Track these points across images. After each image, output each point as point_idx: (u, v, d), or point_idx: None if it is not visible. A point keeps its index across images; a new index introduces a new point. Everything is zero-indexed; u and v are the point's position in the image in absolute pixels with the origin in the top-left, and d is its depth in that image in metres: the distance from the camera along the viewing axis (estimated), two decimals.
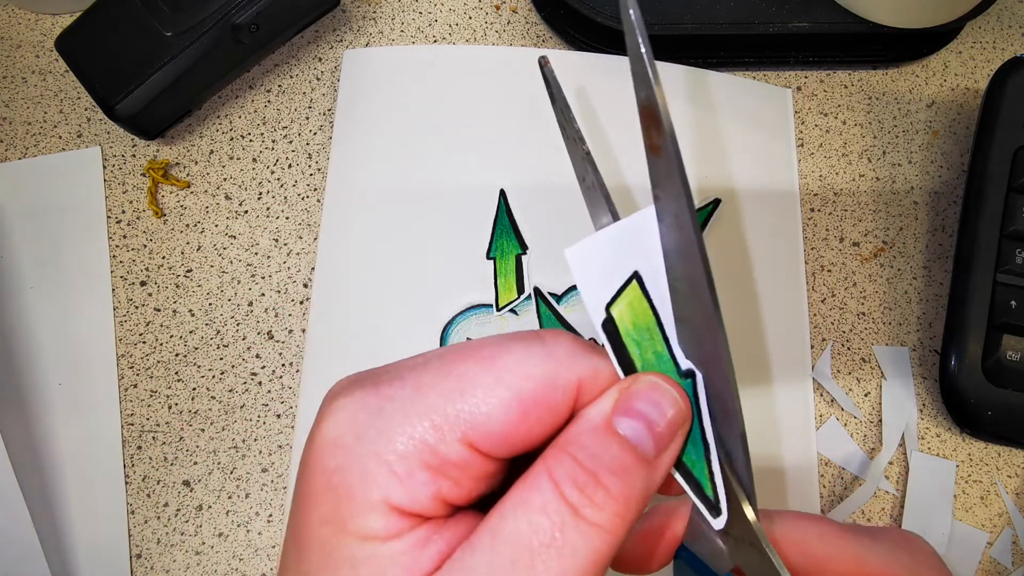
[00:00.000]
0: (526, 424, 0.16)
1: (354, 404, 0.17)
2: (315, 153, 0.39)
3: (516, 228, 0.37)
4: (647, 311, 0.18)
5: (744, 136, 0.40)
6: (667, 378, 0.18)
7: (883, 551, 0.20)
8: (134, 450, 0.34)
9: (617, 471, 0.16)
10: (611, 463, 0.16)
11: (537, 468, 0.17)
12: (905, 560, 0.20)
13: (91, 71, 0.36)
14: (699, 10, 0.38)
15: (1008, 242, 0.36)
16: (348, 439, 0.16)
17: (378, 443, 0.16)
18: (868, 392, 0.37)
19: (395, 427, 0.16)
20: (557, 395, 0.17)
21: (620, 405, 0.17)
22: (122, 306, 0.36)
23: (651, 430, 0.17)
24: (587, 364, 0.17)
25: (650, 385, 0.17)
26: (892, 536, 0.21)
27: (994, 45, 0.43)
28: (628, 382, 0.18)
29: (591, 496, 0.16)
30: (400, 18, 0.42)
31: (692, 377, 0.18)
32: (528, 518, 0.16)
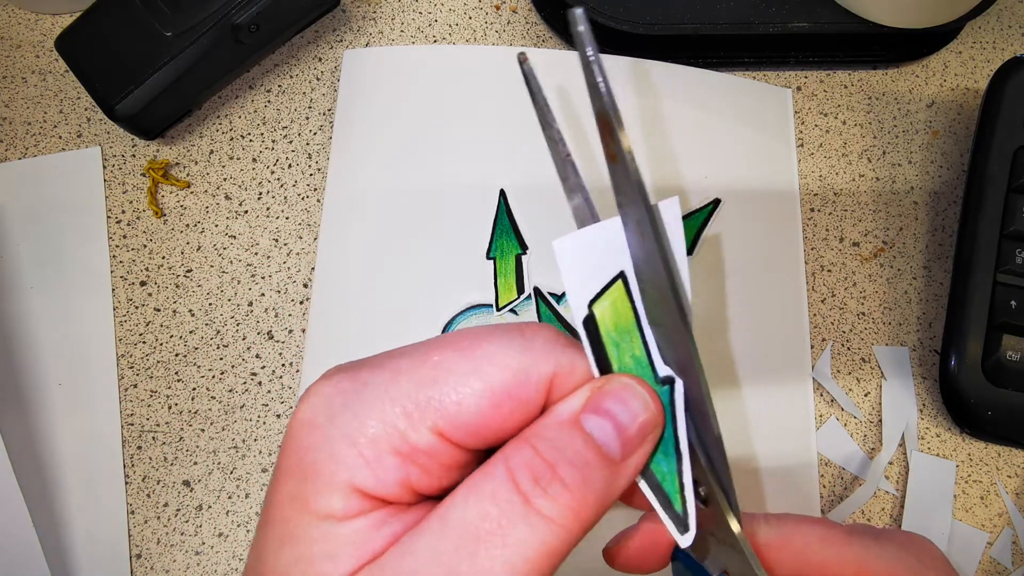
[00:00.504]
0: (497, 415, 0.16)
1: (331, 387, 0.17)
2: (315, 153, 0.39)
3: (516, 228, 0.37)
4: (629, 313, 0.17)
5: (744, 136, 0.40)
6: (642, 381, 0.17)
7: (887, 554, 0.20)
8: (134, 450, 0.34)
9: (577, 465, 0.16)
10: (572, 457, 0.16)
11: (495, 457, 0.16)
12: (910, 562, 0.20)
13: (91, 71, 0.36)
14: (699, 10, 0.38)
15: (1008, 242, 0.36)
16: (322, 420, 0.17)
17: (350, 425, 0.16)
18: (868, 392, 0.37)
19: (368, 411, 0.16)
20: (530, 388, 0.17)
21: (590, 402, 0.17)
22: (122, 306, 0.36)
23: (619, 431, 0.17)
24: (564, 358, 0.17)
25: (623, 386, 0.17)
26: (897, 538, 0.21)
27: (994, 45, 0.43)
28: (602, 381, 0.17)
29: (545, 487, 0.16)
30: (400, 18, 0.42)
31: (670, 384, 0.17)
32: (477, 505, 0.15)
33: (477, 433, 0.16)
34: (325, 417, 0.17)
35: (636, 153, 0.42)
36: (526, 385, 0.17)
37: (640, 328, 0.17)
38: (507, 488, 0.15)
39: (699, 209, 0.38)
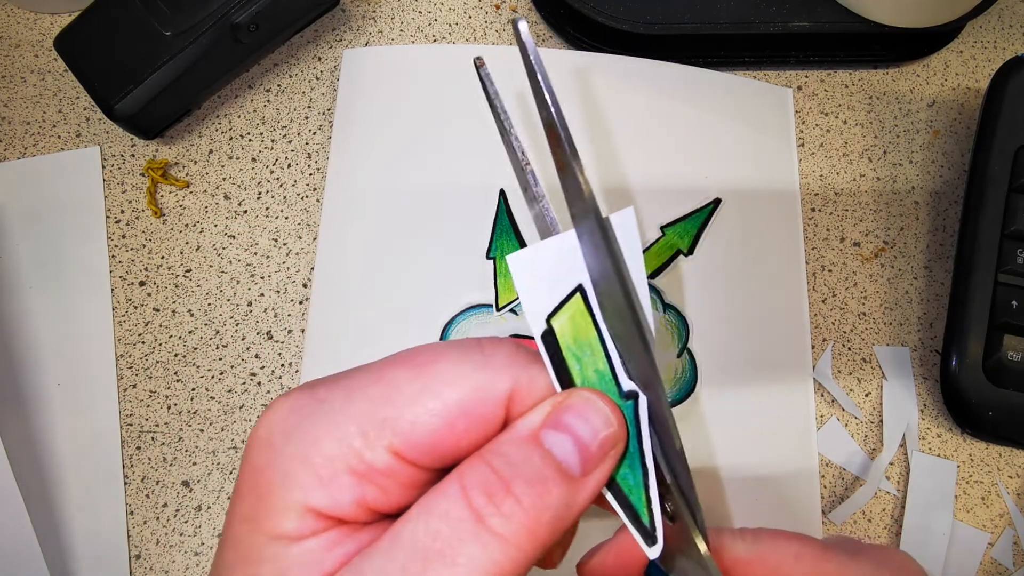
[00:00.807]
0: (453, 433, 0.16)
1: (287, 405, 0.17)
2: (314, 153, 0.39)
3: (516, 228, 0.37)
4: (590, 326, 0.17)
5: (744, 136, 0.40)
6: (604, 396, 0.17)
7: (863, 571, 0.20)
8: (133, 450, 0.34)
9: (533, 482, 0.15)
10: (528, 474, 0.15)
11: (451, 475, 0.16)
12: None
13: (90, 71, 0.36)
14: (699, 10, 0.38)
15: (1009, 242, 0.35)
16: (276, 438, 0.16)
17: (304, 444, 0.16)
18: (869, 392, 0.37)
19: (323, 430, 0.16)
20: (487, 406, 0.16)
21: (550, 418, 0.16)
22: (121, 306, 0.36)
23: (579, 447, 0.16)
24: (523, 374, 0.17)
25: (584, 401, 0.17)
26: (874, 554, 0.21)
27: (995, 45, 0.43)
28: (562, 396, 0.17)
29: (499, 504, 0.15)
30: (400, 18, 0.42)
31: (634, 399, 0.17)
32: (428, 523, 0.15)
33: (433, 452, 0.16)
34: (280, 435, 0.16)
35: (637, 153, 0.42)
36: (483, 403, 0.16)
37: (603, 342, 0.17)
38: (460, 506, 0.15)
39: (699, 209, 0.38)
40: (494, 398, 0.16)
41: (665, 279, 0.37)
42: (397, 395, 0.16)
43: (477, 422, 0.16)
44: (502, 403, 0.16)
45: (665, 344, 0.36)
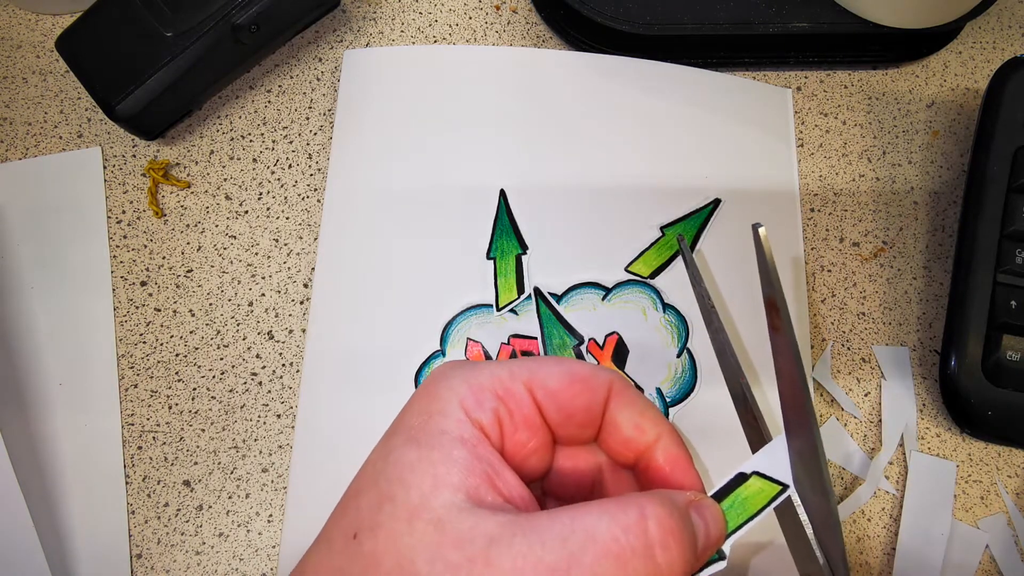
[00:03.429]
0: (571, 391, 0.22)
1: (457, 361, 0.24)
2: (315, 153, 0.39)
3: (516, 228, 0.37)
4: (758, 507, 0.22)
5: (744, 136, 0.40)
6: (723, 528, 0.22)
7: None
8: (134, 450, 0.34)
9: (683, 540, 0.19)
10: (682, 531, 0.19)
11: (630, 500, 0.19)
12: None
13: (91, 71, 0.36)
14: (699, 10, 0.38)
15: (1008, 242, 0.36)
16: (447, 369, 0.22)
17: (466, 373, 0.22)
18: (868, 392, 0.37)
19: (481, 369, 0.22)
20: (596, 385, 0.22)
21: (695, 504, 0.21)
22: (122, 306, 0.36)
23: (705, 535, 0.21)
24: (620, 380, 0.23)
25: (718, 515, 0.22)
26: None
27: (994, 45, 0.43)
28: (706, 500, 0.22)
29: (663, 543, 0.19)
30: (400, 18, 0.42)
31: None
32: (611, 528, 0.18)
33: (554, 399, 0.22)
34: (449, 369, 0.22)
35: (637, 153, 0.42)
36: (595, 380, 0.22)
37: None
38: (639, 527, 0.18)
39: (699, 209, 0.38)
40: (601, 381, 0.23)
41: (665, 279, 0.37)
42: (539, 360, 0.23)
43: (588, 389, 0.22)
44: (604, 388, 0.22)
45: (665, 344, 0.36)
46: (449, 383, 0.22)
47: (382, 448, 0.21)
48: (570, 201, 0.38)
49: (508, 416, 0.21)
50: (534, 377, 0.22)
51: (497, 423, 0.21)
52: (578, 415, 0.22)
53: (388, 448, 0.21)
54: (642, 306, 0.36)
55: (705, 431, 0.35)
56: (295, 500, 0.33)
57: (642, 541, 0.18)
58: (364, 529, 0.19)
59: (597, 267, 0.37)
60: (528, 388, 0.22)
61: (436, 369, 0.23)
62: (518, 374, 0.22)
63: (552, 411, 0.22)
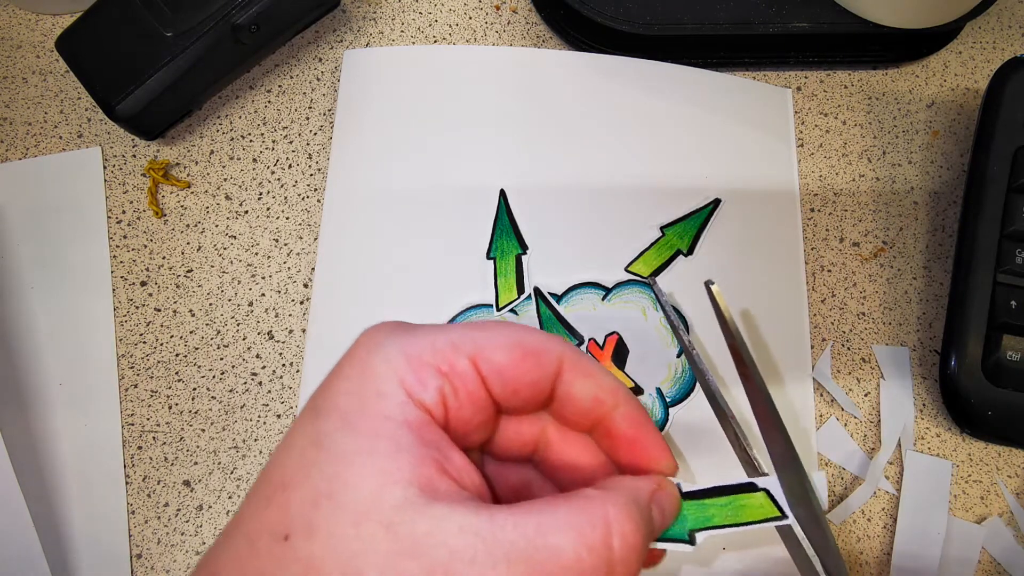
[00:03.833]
0: (520, 366, 0.20)
1: (388, 325, 0.21)
2: (315, 153, 0.39)
3: (516, 228, 0.37)
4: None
5: (744, 136, 0.40)
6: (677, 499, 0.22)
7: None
8: (134, 450, 0.34)
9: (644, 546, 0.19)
10: (646, 538, 0.19)
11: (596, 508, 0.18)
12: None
13: (91, 71, 0.36)
14: (699, 10, 0.38)
15: (1008, 242, 0.36)
16: (381, 337, 0.20)
17: (404, 343, 0.20)
18: (868, 392, 0.37)
19: (420, 336, 0.20)
20: (547, 358, 0.21)
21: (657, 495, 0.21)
22: (122, 306, 0.36)
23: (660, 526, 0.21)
24: (573, 352, 0.21)
25: (674, 501, 0.22)
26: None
27: (994, 45, 0.43)
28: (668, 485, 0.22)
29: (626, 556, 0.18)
30: (400, 18, 0.42)
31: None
32: (575, 546, 0.17)
33: (501, 374, 0.20)
34: (384, 336, 0.20)
35: (637, 153, 0.42)
36: (546, 354, 0.21)
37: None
38: (604, 545, 0.18)
39: (699, 209, 0.38)
40: (552, 355, 0.21)
41: (665, 279, 0.37)
42: (485, 329, 0.21)
43: (538, 363, 0.21)
44: (556, 361, 0.21)
45: (665, 344, 0.36)
46: (385, 355, 0.19)
47: (309, 431, 0.19)
48: (570, 201, 0.38)
49: (453, 394, 0.19)
50: (480, 351, 0.20)
51: (441, 402, 0.19)
52: (526, 390, 0.21)
53: (319, 433, 0.18)
54: (642, 306, 0.36)
55: (705, 431, 0.35)
56: None
57: (605, 559, 0.18)
58: (298, 530, 0.17)
59: (597, 267, 0.37)
60: (473, 362, 0.20)
61: (366, 334, 0.20)
62: (462, 347, 0.20)
63: (498, 387, 0.20)
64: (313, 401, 0.20)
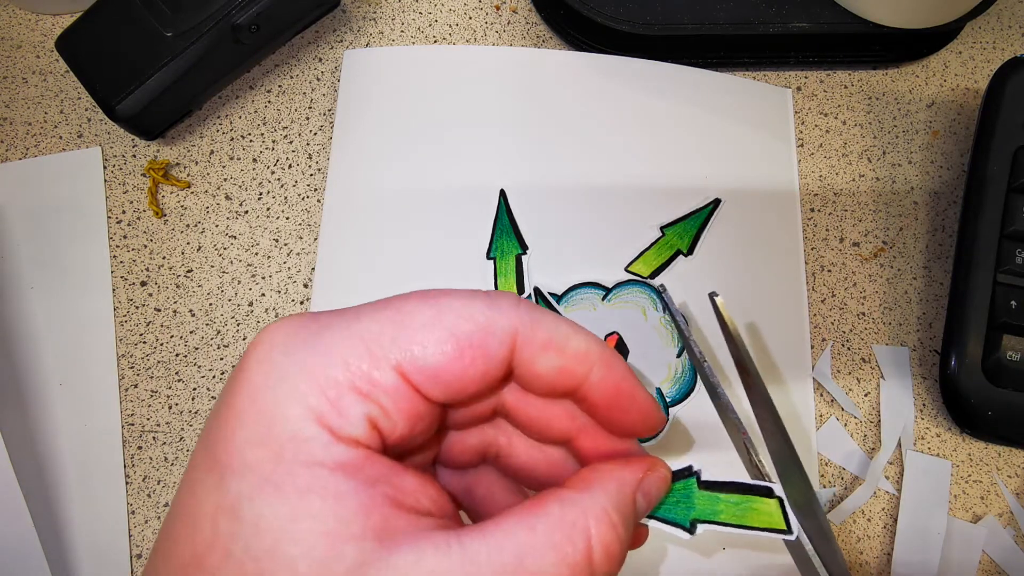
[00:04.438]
0: (460, 364, 0.16)
1: (288, 327, 0.16)
2: (315, 153, 0.39)
3: (516, 228, 0.37)
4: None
5: (744, 136, 0.40)
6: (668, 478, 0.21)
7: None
8: (134, 450, 0.34)
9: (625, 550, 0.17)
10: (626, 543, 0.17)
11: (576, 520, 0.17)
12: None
13: (91, 71, 0.36)
14: (699, 10, 0.38)
15: (1008, 242, 0.36)
16: (277, 355, 0.16)
17: (306, 363, 0.16)
18: (868, 392, 0.37)
19: (328, 347, 0.16)
20: (494, 340, 0.17)
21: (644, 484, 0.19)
22: (122, 306, 0.36)
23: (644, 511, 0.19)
24: (526, 318, 0.17)
25: (661, 485, 0.20)
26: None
27: (994, 45, 0.43)
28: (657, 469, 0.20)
29: (608, 566, 0.17)
30: (400, 18, 0.42)
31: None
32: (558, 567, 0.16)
33: (438, 379, 0.16)
34: (281, 353, 0.16)
35: (637, 153, 0.42)
36: (491, 336, 0.17)
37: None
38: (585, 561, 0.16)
39: (699, 209, 0.38)
40: (500, 335, 0.17)
41: (665, 279, 0.37)
42: (408, 319, 0.16)
43: (483, 355, 0.17)
44: (507, 341, 0.17)
45: (665, 344, 0.36)
46: (290, 387, 0.15)
47: (215, 496, 0.15)
48: (570, 201, 0.38)
49: (383, 415, 0.16)
50: (405, 356, 0.16)
51: (372, 428, 0.16)
52: (473, 386, 0.17)
53: (232, 499, 0.15)
54: (642, 306, 0.36)
55: (705, 431, 0.35)
56: None
57: (586, 572, 0.16)
58: None
59: (597, 267, 0.37)
60: (399, 372, 0.16)
61: (257, 347, 0.16)
62: (382, 356, 0.16)
63: (437, 391, 0.16)
64: (208, 451, 0.16)
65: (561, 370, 0.18)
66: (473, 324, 0.17)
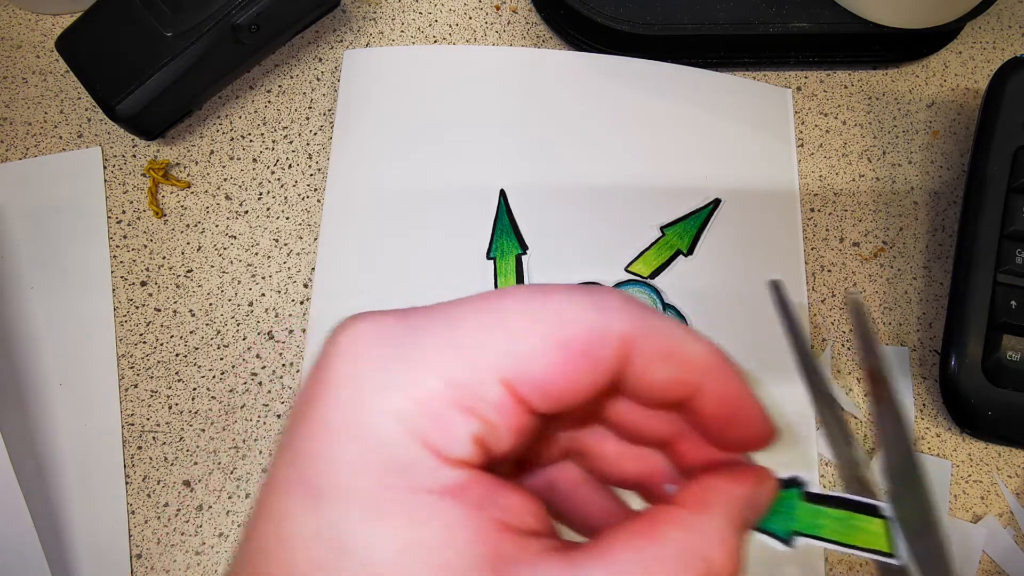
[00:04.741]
0: (569, 374, 0.15)
1: (373, 329, 0.15)
2: (315, 153, 0.39)
3: (516, 228, 0.37)
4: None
5: (744, 136, 0.40)
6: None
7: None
8: (134, 450, 0.34)
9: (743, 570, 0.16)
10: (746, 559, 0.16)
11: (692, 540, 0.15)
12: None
13: (91, 71, 0.36)
14: (699, 10, 0.38)
15: (1008, 242, 0.36)
16: (367, 365, 0.14)
17: (405, 380, 0.14)
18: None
19: (425, 358, 0.14)
20: (607, 350, 0.15)
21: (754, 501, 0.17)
22: (122, 306, 0.36)
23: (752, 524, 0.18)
24: (640, 322, 0.15)
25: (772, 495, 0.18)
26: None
27: (994, 45, 0.43)
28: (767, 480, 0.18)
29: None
30: (400, 18, 0.42)
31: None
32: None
33: (546, 391, 0.15)
34: (372, 362, 0.14)
35: (637, 153, 0.41)
36: (602, 346, 0.15)
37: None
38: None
39: (699, 209, 0.38)
40: (613, 342, 0.15)
41: (665, 279, 0.37)
42: (512, 325, 0.15)
43: (594, 364, 0.15)
44: (619, 350, 0.15)
45: None
46: (388, 408, 0.14)
47: (312, 521, 0.14)
48: (570, 201, 0.38)
49: (489, 432, 0.15)
50: (513, 368, 0.14)
51: (478, 447, 0.14)
52: (580, 398, 0.15)
53: (330, 525, 0.14)
54: None
55: None
56: None
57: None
58: None
59: (597, 267, 0.37)
60: (507, 386, 0.14)
61: (340, 364, 0.15)
62: (486, 367, 0.14)
63: (545, 404, 0.15)
64: (298, 470, 0.14)
65: (675, 381, 0.16)
66: (584, 331, 0.15)
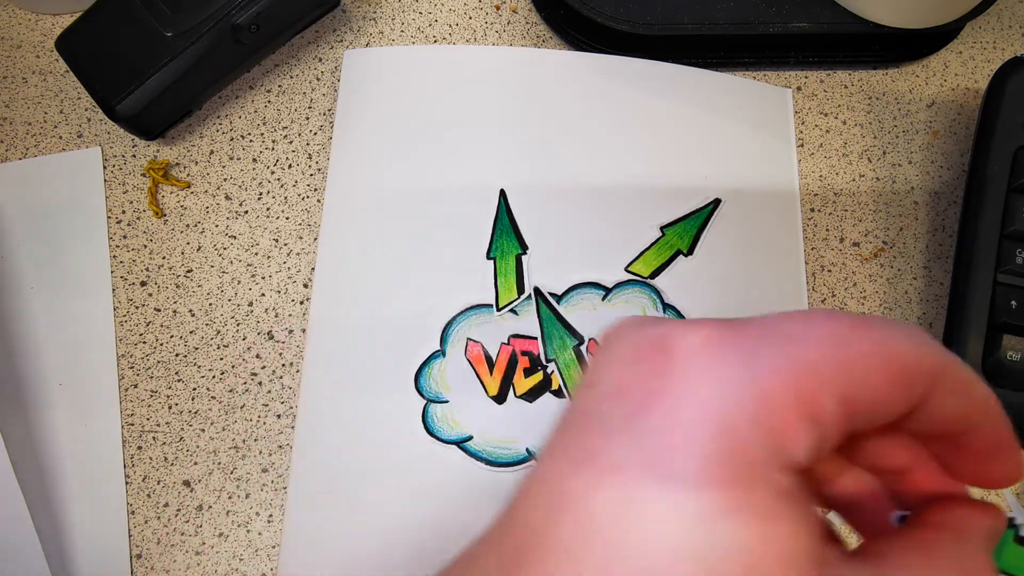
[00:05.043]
0: (890, 398, 0.15)
1: (706, 333, 0.15)
2: (315, 153, 0.39)
3: (516, 228, 0.37)
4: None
5: (744, 136, 0.40)
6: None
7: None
8: (134, 450, 0.34)
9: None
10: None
11: (967, 557, 0.16)
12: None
13: (91, 71, 0.36)
14: (699, 10, 0.38)
15: (1008, 242, 0.36)
16: (704, 351, 0.15)
17: (752, 370, 0.15)
18: None
19: (775, 369, 0.14)
20: (922, 379, 0.15)
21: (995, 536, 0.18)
22: (122, 306, 0.36)
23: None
24: (943, 357, 0.16)
25: (1000, 532, 0.19)
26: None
27: (994, 45, 0.43)
28: (1000, 517, 0.18)
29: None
30: (400, 18, 0.42)
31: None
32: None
33: (867, 411, 0.15)
34: (710, 348, 0.15)
35: (637, 153, 0.41)
36: (919, 373, 0.15)
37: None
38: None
39: (699, 209, 0.38)
40: (927, 372, 0.15)
41: (665, 279, 0.37)
42: (848, 346, 0.15)
43: (908, 393, 0.15)
44: (928, 383, 0.15)
45: None
46: (740, 402, 0.14)
47: (667, 510, 0.14)
48: (570, 201, 0.38)
49: (823, 444, 0.15)
50: (851, 384, 0.15)
51: (812, 456, 0.15)
52: (884, 420, 0.16)
53: (697, 515, 0.14)
54: (642, 306, 0.36)
55: None
56: (295, 500, 0.33)
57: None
58: None
59: (597, 267, 0.37)
60: (843, 402, 0.15)
61: (681, 361, 0.15)
62: (829, 380, 0.14)
63: (861, 422, 0.15)
64: (657, 455, 0.14)
65: (962, 416, 0.17)
66: (909, 359, 0.15)
